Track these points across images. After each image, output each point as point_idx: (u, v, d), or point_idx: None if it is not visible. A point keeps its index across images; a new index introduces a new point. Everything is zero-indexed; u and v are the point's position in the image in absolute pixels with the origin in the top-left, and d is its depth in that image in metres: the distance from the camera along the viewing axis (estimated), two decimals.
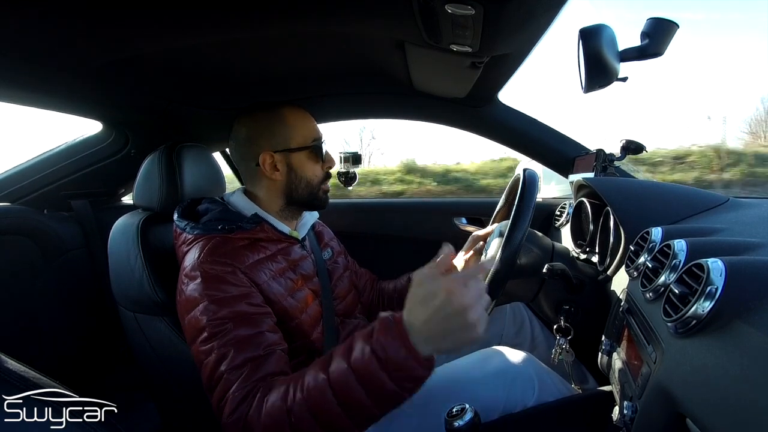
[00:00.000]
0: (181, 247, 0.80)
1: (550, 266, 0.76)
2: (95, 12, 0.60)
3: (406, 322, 0.57)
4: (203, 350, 0.67)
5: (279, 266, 0.82)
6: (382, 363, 0.55)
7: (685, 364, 0.43)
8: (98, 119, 1.19)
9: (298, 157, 0.86)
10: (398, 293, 1.09)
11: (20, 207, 1.22)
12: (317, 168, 0.89)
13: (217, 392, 0.65)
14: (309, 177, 0.88)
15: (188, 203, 0.88)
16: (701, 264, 0.44)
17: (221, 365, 0.65)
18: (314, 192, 0.89)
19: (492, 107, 1.25)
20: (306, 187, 0.88)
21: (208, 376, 0.66)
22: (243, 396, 0.62)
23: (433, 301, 0.55)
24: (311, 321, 0.82)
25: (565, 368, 0.85)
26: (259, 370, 0.65)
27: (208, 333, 0.67)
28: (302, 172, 0.87)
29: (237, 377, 0.64)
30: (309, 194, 0.89)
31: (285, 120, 0.86)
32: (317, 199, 0.90)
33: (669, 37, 0.77)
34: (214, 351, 0.66)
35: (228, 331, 0.67)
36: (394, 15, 0.69)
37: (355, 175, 1.32)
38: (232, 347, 0.66)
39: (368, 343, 0.57)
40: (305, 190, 0.88)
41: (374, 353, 0.56)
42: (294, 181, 0.87)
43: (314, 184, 0.88)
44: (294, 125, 0.86)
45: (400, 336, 0.56)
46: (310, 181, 0.88)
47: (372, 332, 0.58)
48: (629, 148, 1.09)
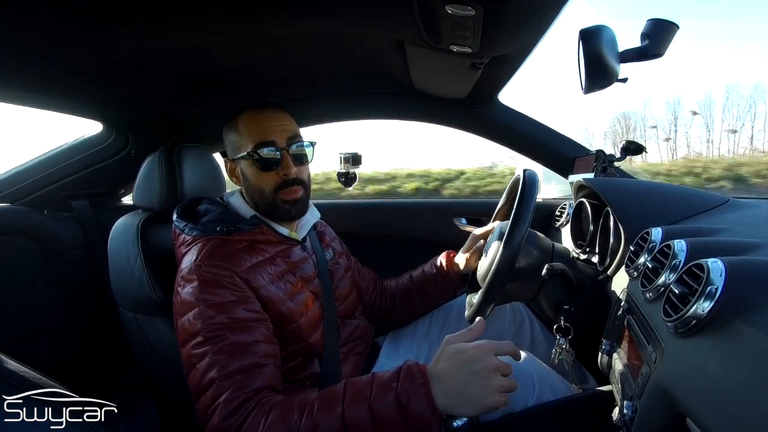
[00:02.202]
0: (180, 248, 0.80)
1: (550, 266, 0.76)
2: (95, 12, 0.60)
3: (430, 372, 0.59)
4: (195, 354, 0.66)
5: (278, 269, 0.81)
6: (403, 411, 0.57)
7: (685, 364, 0.43)
8: (98, 119, 1.19)
9: (244, 165, 0.83)
10: (400, 292, 1.08)
11: (20, 207, 1.22)
12: (266, 176, 0.81)
13: (207, 397, 0.63)
14: (259, 185, 0.82)
15: (188, 203, 0.88)
16: (701, 264, 0.44)
17: (213, 370, 0.64)
18: (269, 201, 0.82)
19: (492, 108, 1.25)
20: (260, 197, 0.83)
21: (197, 380, 0.65)
22: (236, 406, 0.61)
23: (461, 356, 0.57)
24: (310, 324, 0.82)
25: (565, 368, 0.85)
26: (253, 381, 0.64)
27: (203, 337, 0.66)
28: (252, 181, 0.82)
29: (229, 385, 0.63)
30: (266, 204, 0.83)
31: (237, 126, 0.83)
32: (277, 209, 0.83)
33: (669, 38, 0.78)
34: (207, 355, 0.65)
35: (223, 337, 0.66)
36: (394, 15, 0.69)
37: (356, 175, 1.32)
38: (225, 353, 0.65)
39: (392, 390, 0.58)
40: (261, 200, 0.83)
41: (398, 399, 0.57)
42: (249, 190, 0.84)
43: (266, 192, 0.82)
44: (243, 131, 0.82)
45: (424, 386, 0.57)
46: (262, 190, 0.82)
47: (397, 378, 0.59)
48: (629, 149, 1.10)
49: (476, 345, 0.57)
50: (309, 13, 0.69)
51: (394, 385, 0.58)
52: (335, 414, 0.58)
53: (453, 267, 1.03)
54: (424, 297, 1.06)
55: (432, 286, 1.05)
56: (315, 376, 0.82)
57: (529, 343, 1.01)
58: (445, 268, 1.03)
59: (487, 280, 0.77)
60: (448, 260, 1.04)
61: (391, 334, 1.07)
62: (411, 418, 0.57)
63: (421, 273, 1.07)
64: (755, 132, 13.31)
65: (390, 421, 0.57)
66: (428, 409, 0.56)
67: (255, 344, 0.68)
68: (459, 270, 1.03)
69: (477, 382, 0.56)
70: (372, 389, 0.59)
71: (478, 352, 0.57)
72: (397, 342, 1.04)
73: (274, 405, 0.61)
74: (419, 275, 1.07)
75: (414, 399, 0.57)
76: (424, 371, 0.59)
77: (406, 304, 1.07)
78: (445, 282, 1.03)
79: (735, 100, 13.66)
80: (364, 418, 0.57)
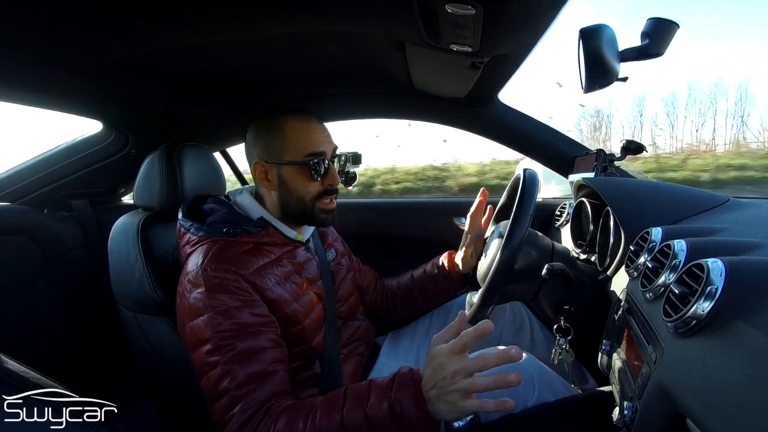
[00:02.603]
0: (185, 248, 0.79)
1: (550, 266, 0.76)
2: (95, 12, 0.60)
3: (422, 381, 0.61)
4: (207, 362, 0.67)
5: (284, 270, 0.81)
6: (397, 419, 0.60)
7: (685, 364, 0.43)
8: (98, 119, 1.19)
9: (288, 170, 0.82)
10: (402, 291, 1.09)
11: (20, 207, 1.22)
12: (312, 185, 0.82)
13: (221, 406, 0.65)
14: (300, 193, 0.82)
15: (193, 201, 0.87)
16: (701, 264, 0.44)
17: (225, 380, 0.65)
18: (308, 209, 0.84)
19: (492, 107, 1.25)
20: (298, 203, 0.83)
21: (211, 387, 0.67)
22: (248, 416, 0.64)
23: (433, 363, 0.58)
24: (314, 325, 0.82)
25: (565, 368, 0.85)
26: (264, 390, 0.66)
27: (213, 345, 0.67)
28: (293, 187, 0.82)
29: (242, 395, 0.65)
30: (302, 211, 0.84)
31: (283, 130, 0.82)
32: (313, 216, 0.84)
33: (669, 37, 0.78)
34: (218, 365, 0.66)
35: (233, 346, 0.67)
36: (394, 15, 0.68)
37: (356, 174, 1.32)
38: (236, 363, 0.66)
39: (387, 398, 0.61)
40: (297, 206, 0.83)
41: (392, 408, 0.60)
42: (285, 194, 0.83)
43: (307, 200, 0.83)
44: (291, 137, 0.81)
45: (415, 394, 0.60)
46: (302, 197, 0.83)
47: (392, 385, 0.62)
48: (629, 148, 1.09)
49: (446, 349, 0.57)
50: (309, 13, 0.69)
51: (389, 393, 0.61)
52: (335, 421, 0.61)
53: (454, 267, 1.03)
54: (425, 296, 1.06)
55: (433, 286, 1.05)
56: (316, 376, 0.82)
57: (529, 343, 1.01)
58: (447, 267, 1.04)
59: (486, 281, 0.77)
60: (449, 260, 1.05)
61: (391, 334, 1.08)
62: (405, 426, 0.59)
63: (422, 272, 1.07)
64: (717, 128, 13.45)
65: (385, 427, 0.60)
66: (419, 417, 0.59)
67: (263, 351, 0.69)
68: (460, 270, 1.03)
69: (444, 389, 0.57)
70: (369, 397, 0.62)
71: (443, 359, 0.57)
72: (397, 342, 1.04)
73: (282, 412, 0.64)
74: (420, 275, 1.07)
75: (407, 407, 0.59)
76: (417, 378, 0.61)
77: (408, 303, 1.08)
78: (446, 281, 1.04)
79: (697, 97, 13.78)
80: (361, 426, 0.61)
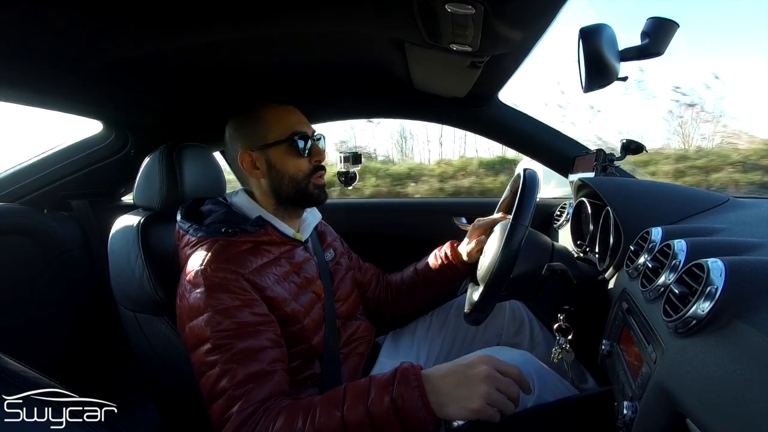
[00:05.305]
0: (184, 249, 0.80)
1: (550, 266, 0.76)
2: (95, 12, 0.60)
3: (425, 374, 0.61)
4: (206, 362, 0.67)
5: (283, 270, 0.81)
6: (399, 414, 0.59)
7: (685, 364, 0.43)
8: (98, 119, 1.19)
9: (275, 152, 0.84)
10: (406, 284, 1.09)
11: (20, 207, 1.22)
12: (301, 162, 0.85)
13: (220, 405, 0.65)
14: (292, 172, 0.84)
15: (191, 203, 0.88)
16: (701, 264, 0.44)
17: (224, 380, 0.65)
18: (301, 187, 0.85)
19: (492, 107, 1.25)
20: (290, 183, 0.85)
21: (209, 387, 0.67)
22: (246, 416, 0.63)
23: (463, 360, 0.60)
24: (314, 325, 0.82)
25: (565, 368, 0.85)
26: (263, 389, 0.66)
27: (212, 345, 0.67)
28: (283, 168, 0.84)
29: (240, 395, 0.64)
30: (296, 190, 0.85)
31: (262, 117, 0.85)
32: (308, 194, 0.86)
33: (669, 36, 0.78)
34: (218, 364, 0.66)
35: (232, 345, 0.67)
36: (394, 15, 0.68)
37: (356, 174, 1.32)
38: (235, 363, 0.66)
39: (388, 393, 0.60)
40: (290, 187, 0.85)
41: (394, 403, 0.59)
42: (276, 178, 0.85)
43: (299, 178, 0.85)
44: (271, 120, 0.84)
45: (419, 388, 0.60)
46: (294, 176, 0.84)
47: (393, 380, 0.62)
48: (629, 148, 1.09)
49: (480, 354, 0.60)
50: (309, 13, 0.69)
51: (390, 388, 0.61)
52: (336, 419, 0.61)
53: (457, 257, 1.03)
54: (430, 287, 1.06)
55: (438, 277, 1.05)
56: (315, 376, 0.82)
57: (528, 343, 1.01)
58: (450, 257, 1.04)
59: (486, 281, 0.77)
60: (452, 250, 1.04)
61: (391, 334, 1.08)
62: (407, 421, 0.59)
63: (426, 264, 1.08)
64: None
65: (387, 423, 0.59)
66: (423, 411, 0.59)
67: (263, 350, 0.69)
68: (463, 260, 1.03)
69: (466, 383, 0.59)
70: (370, 392, 0.61)
71: (478, 360, 0.60)
72: (397, 342, 1.04)
73: (280, 411, 0.64)
74: (424, 267, 1.07)
75: (409, 402, 0.59)
76: (419, 373, 0.61)
77: (413, 295, 1.08)
78: (450, 271, 1.04)
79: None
80: (362, 422, 0.60)
